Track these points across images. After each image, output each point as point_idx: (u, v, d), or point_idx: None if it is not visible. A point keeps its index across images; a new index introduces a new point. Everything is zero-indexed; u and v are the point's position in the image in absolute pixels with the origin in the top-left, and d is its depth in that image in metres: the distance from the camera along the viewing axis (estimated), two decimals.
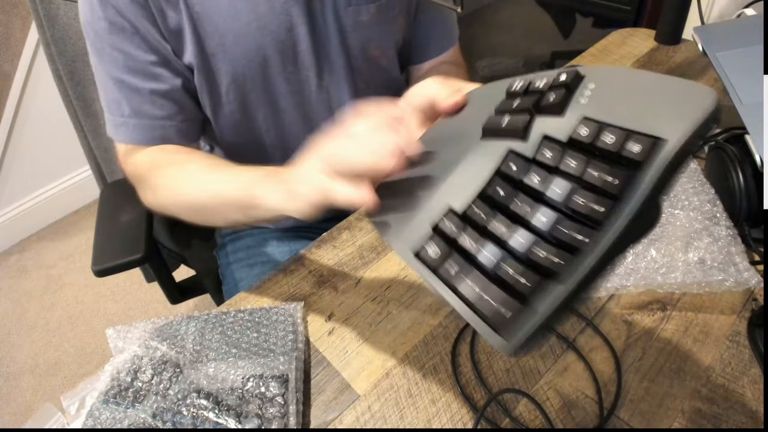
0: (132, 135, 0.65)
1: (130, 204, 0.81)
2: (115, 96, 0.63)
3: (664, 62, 0.97)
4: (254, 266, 0.80)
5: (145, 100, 0.63)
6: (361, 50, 0.71)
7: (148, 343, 0.55)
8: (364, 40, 0.71)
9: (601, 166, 0.30)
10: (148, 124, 0.64)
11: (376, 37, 0.72)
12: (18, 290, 1.74)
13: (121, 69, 0.61)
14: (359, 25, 0.69)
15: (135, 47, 0.60)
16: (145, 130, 0.64)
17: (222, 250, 0.87)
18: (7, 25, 1.58)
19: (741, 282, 0.55)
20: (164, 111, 0.64)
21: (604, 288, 0.58)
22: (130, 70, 0.61)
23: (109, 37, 0.59)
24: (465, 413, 0.50)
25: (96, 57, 0.62)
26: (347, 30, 0.68)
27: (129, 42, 0.60)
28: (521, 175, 0.34)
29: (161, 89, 0.63)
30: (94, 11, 0.59)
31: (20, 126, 1.75)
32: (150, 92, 0.63)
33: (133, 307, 1.64)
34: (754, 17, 0.79)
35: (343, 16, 0.67)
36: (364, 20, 0.68)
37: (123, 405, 0.50)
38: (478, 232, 0.34)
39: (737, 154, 0.61)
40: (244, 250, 0.83)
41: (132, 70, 0.61)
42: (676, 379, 0.51)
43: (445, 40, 0.79)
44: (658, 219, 0.30)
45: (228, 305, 0.62)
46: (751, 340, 0.53)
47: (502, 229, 0.32)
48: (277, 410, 0.48)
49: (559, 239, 0.30)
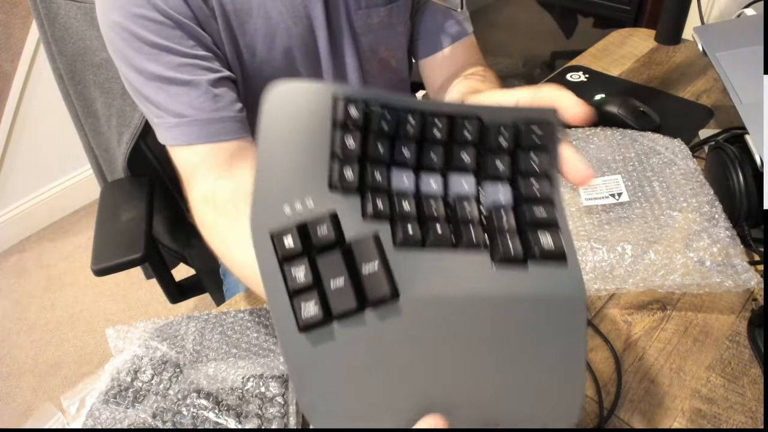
0: (189, 133, 0.59)
1: (130, 203, 0.81)
2: (163, 97, 0.59)
3: (664, 62, 0.97)
4: None
5: (199, 92, 0.58)
6: (371, 52, 0.72)
7: (148, 343, 0.55)
8: (374, 43, 0.71)
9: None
10: (206, 118, 0.59)
11: (385, 40, 0.72)
12: (18, 290, 1.74)
13: (168, 66, 0.57)
14: (370, 27, 0.69)
15: (178, 42, 0.57)
16: (203, 125, 0.59)
17: None
18: (7, 25, 1.58)
19: (740, 284, 0.55)
20: (219, 102, 0.59)
21: (605, 288, 0.58)
22: (178, 65, 0.58)
23: (149, 35, 0.56)
24: None
25: (133, 60, 0.57)
26: (358, 32, 0.69)
27: (172, 36, 0.57)
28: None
29: (213, 78, 0.59)
30: (124, 9, 0.55)
31: (20, 126, 1.75)
32: (203, 83, 0.59)
33: (133, 307, 1.64)
34: (754, 17, 0.79)
35: (354, 19, 0.68)
36: (374, 23, 0.69)
37: (123, 405, 0.50)
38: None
39: (737, 154, 0.61)
40: None
41: (180, 65, 0.58)
42: (676, 379, 0.51)
43: (454, 29, 0.78)
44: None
45: (228, 305, 0.62)
46: (751, 340, 0.53)
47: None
48: (277, 410, 0.48)
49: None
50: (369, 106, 0.31)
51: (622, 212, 0.64)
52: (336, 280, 0.27)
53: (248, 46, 0.62)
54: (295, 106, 0.30)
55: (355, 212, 0.29)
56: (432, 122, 0.32)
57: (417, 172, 0.32)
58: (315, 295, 0.27)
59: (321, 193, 0.29)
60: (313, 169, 0.30)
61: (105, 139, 0.92)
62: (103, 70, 0.81)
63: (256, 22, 0.61)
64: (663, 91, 0.90)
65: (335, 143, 0.30)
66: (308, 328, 0.27)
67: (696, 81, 0.91)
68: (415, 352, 0.28)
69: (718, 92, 0.88)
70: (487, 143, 0.32)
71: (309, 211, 0.29)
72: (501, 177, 0.32)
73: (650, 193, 0.66)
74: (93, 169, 1.01)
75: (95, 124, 0.91)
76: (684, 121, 0.82)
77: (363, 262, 0.28)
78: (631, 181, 0.67)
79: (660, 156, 0.70)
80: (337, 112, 0.30)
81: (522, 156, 0.32)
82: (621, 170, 0.69)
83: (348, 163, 0.29)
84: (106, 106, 0.85)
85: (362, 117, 0.30)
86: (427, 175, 0.32)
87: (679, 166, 0.68)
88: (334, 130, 0.30)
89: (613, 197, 0.65)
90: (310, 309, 0.27)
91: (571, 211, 0.65)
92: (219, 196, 0.57)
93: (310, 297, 0.27)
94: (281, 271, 0.28)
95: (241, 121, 0.61)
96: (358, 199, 0.29)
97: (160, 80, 0.57)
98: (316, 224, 0.28)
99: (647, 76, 0.94)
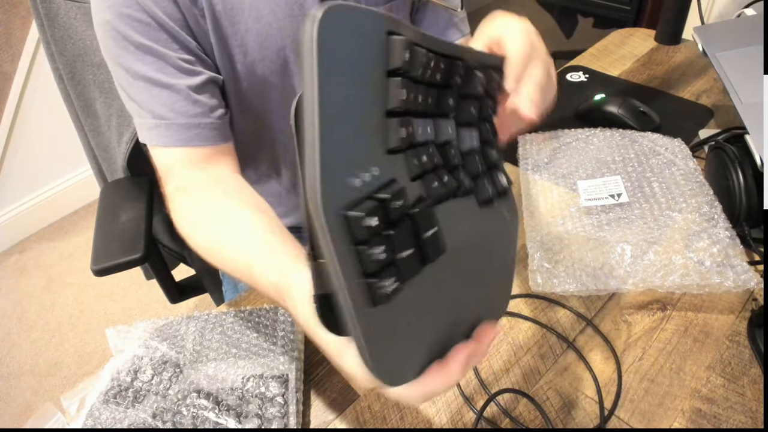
0: (167, 135, 0.60)
1: (130, 203, 0.81)
2: (145, 97, 0.60)
3: (664, 62, 0.97)
4: None
5: (180, 97, 0.60)
6: None
7: (148, 343, 0.55)
8: None
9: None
10: (184, 123, 0.60)
11: None
12: (18, 290, 1.74)
13: (151, 67, 0.58)
14: None
15: (163, 44, 0.58)
16: (180, 129, 0.61)
17: None
18: (7, 25, 1.58)
19: (740, 284, 0.55)
20: (198, 108, 0.61)
21: (605, 288, 0.58)
22: (161, 68, 0.59)
23: (134, 35, 0.57)
24: (465, 413, 0.50)
25: (121, 59, 0.59)
26: None
27: (156, 38, 0.57)
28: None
29: (196, 83, 0.60)
30: (115, 9, 0.56)
31: (20, 126, 1.75)
32: (184, 88, 0.60)
33: (133, 307, 1.64)
34: (754, 17, 0.79)
35: None
36: None
37: (123, 405, 0.50)
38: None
39: (737, 154, 0.61)
40: None
41: (163, 67, 0.59)
42: (676, 379, 0.51)
43: (454, 31, 0.78)
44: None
45: (228, 305, 0.62)
46: (751, 340, 0.53)
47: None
48: (277, 410, 0.48)
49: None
50: (420, 52, 0.28)
51: (621, 213, 0.64)
52: (406, 251, 0.27)
53: (241, 46, 0.62)
54: (350, 44, 0.25)
55: (402, 171, 0.28)
56: (474, 74, 0.34)
57: (448, 122, 0.33)
58: (391, 270, 0.27)
59: (381, 157, 0.27)
60: (371, 128, 0.27)
61: (105, 139, 0.92)
62: (103, 70, 0.81)
63: (247, 21, 0.61)
64: (663, 91, 0.90)
65: (391, 97, 0.27)
66: (383, 301, 0.27)
67: (696, 81, 0.91)
68: (450, 289, 0.32)
69: (718, 92, 0.88)
70: (469, 89, 0.35)
71: (377, 179, 0.26)
72: (473, 122, 0.35)
73: (650, 193, 0.66)
74: (93, 169, 1.01)
75: (95, 124, 0.91)
76: (684, 121, 0.82)
77: (424, 230, 0.28)
78: (631, 181, 0.67)
79: (660, 157, 0.70)
80: (392, 57, 0.27)
81: (486, 102, 0.37)
82: (621, 171, 0.69)
83: (404, 124, 0.28)
84: (106, 106, 0.85)
85: (415, 65, 0.28)
86: (448, 124, 0.33)
87: (678, 167, 0.68)
88: (387, 79, 0.27)
89: (612, 198, 0.65)
90: (387, 284, 0.26)
91: (570, 212, 0.65)
92: (191, 185, 0.59)
93: (387, 273, 0.26)
94: (355, 251, 0.25)
95: (219, 128, 0.63)
96: (404, 157, 0.28)
97: (144, 80, 0.58)
98: (390, 200, 0.26)
99: (647, 76, 0.94)
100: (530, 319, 0.57)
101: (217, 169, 0.62)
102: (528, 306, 0.58)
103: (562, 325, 0.56)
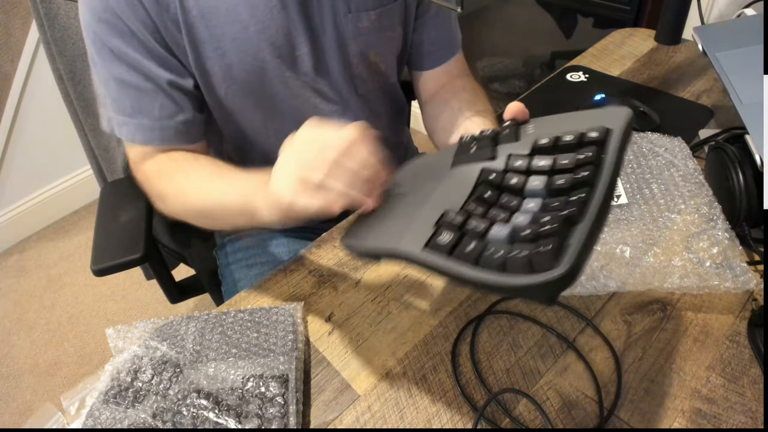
0: (134, 134, 0.65)
1: (130, 203, 0.81)
2: (116, 95, 0.63)
3: (664, 62, 0.97)
4: (253, 267, 0.80)
5: (146, 99, 0.63)
6: (360, 56, 0.71)
7: (148, 343, 0.55)
8: (363, 47, 0.70)
9: (569, 155, 0.39)
10: (148, 124, 0.64)
11: (375, 44, 0.71)
12: (18, 290, 1.74)
13: (121, 68, 0.61)
14: (359, 31, 0.68)
15: (133, 49, 0.60)
16: (145, 130, 0.64)
17: (221, 251, 0.87)
18: (7, 25, 1.58)
19: (739, 285, 0.55)
20: (163, 111, 0.64)
21: (605, 288, 0.58)
22: (129, 70, 0.62)
23: (108, 38, 0.60)
24: (465, 413, 0.50)
25: (97, 57, 0.62)
26: (347, 36, 0.68)
27: (127, 44, 0.60)
28: (500, 180, 0.41)
29: (161, 87, 0.63)
30: (93, 13, 0.59)
31: (20, 126, 1.75)
32: (149, 91, 0.63)
33: (133, 307, 1.64)
34: (754, 17, 0.79)
35: (342, 23, 0.67)
36: (364, 27, 0.68)
37: (123, 405, 0.50)
38: (481, 217, 0.39)
39: (737, 154, 0.61)
40: (243, 250, 0.83)
41: (131, 70, 0.62)
42: (676, 379, 0.51)
43: (453, 46, 0.80)
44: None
45: (228, 305, 0.62)
46: (751, 340, 0.53)
47: (501, 215, 0.38)
48: (277, 410, 0.48)
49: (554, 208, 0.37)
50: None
51: (621, 214, 0.64)
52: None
53: (217, 49, 0.63)
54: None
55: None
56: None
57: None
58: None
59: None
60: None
61: (105, 139, 0.92)
62: None
63: (224, 25, 0.61)
64: (663, 91, 0.90)
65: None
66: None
67: (696, 81, 0.91)
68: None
69: (718, 92, 0.88)
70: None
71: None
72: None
73: (649, 195, 0.66)
74: (93, 169, 1.01)
75: (95, 124, 0.91)
76: (684, 121, 0.82)
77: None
78: (630, 183, 0.67)
79: (659, 158, 0.70)
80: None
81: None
82: (620, 172, 0.69)
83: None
84: None
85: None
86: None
87: (678, 168, 0.68)
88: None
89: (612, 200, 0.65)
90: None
91: None
92: (173, 156, 0.67)
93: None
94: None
95: (183, 131, 0.67)
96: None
97: (116, 80, 0.62)
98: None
99: (647, 76, 0.94)
100: (530, 319, 0.57)
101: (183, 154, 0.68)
102: (528, 306, 0.59)
103: (562, 325, 0.56)
